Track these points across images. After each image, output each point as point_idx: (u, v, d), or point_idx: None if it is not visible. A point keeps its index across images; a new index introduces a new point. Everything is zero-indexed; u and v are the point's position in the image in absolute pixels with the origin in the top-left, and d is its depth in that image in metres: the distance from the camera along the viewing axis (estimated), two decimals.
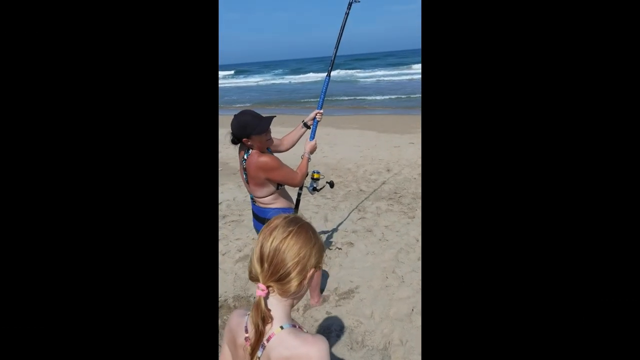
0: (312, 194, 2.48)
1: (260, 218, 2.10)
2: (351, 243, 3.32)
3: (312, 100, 15.53)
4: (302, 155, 2.14)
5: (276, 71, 42.53)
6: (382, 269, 2.86)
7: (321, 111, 2.30)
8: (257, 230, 2.11)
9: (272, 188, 2.02)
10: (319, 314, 2.39)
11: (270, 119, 1.95)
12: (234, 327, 0.89)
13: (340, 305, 2.47)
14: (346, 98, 16.20)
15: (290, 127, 2.41)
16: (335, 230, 3.61)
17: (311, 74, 32.49)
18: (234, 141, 1.96)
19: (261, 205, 2.09)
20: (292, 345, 0.78)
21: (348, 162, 6.08)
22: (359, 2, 2.39)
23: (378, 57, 51.27)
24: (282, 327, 0.81)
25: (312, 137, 2.24)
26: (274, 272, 0.81)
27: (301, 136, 2.34)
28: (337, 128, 9.24)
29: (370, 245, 3.27)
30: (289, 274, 0.81)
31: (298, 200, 2.40)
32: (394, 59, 42.50)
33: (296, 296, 0.86)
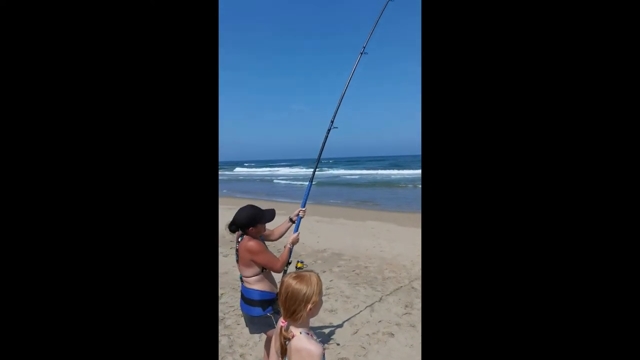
0: None
1: (246, 299, 2.40)
2: (392, 334, 3.49)
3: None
4: (285, 246, 2.50)
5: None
6: None
7: (304, 209, 2.75)
8: (242, 310, 2.45)
9: (257, 269, 2.36)
10: None
11: (273, 211, 2.42)
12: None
13: None
14: None
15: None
16: (378, 320, 3.80)
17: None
18: (233, 229, 2.35)
19: (247, 286, 2.40)
20: (303, 342, 1.28)
21: (404, 258, 6.26)
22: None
23: None
24: (300, 333, 1.32)
25: (296, 230, 2.66)
26: (288, 311, 1.34)
27: (288, 229, 2.76)
28: (398, 225, 9.48)
29: (410, 338, 3.40)
30: (299, 310, 1.32)
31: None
32: None
33: (305, 321, 1.35)
